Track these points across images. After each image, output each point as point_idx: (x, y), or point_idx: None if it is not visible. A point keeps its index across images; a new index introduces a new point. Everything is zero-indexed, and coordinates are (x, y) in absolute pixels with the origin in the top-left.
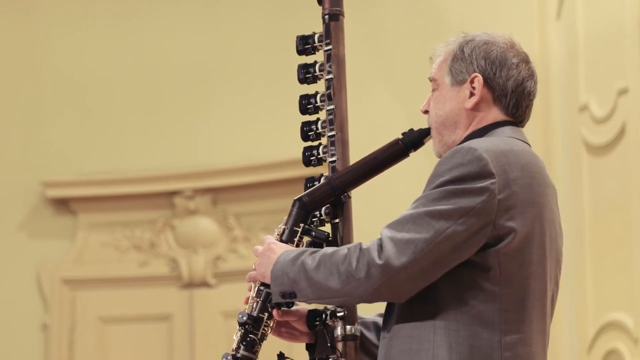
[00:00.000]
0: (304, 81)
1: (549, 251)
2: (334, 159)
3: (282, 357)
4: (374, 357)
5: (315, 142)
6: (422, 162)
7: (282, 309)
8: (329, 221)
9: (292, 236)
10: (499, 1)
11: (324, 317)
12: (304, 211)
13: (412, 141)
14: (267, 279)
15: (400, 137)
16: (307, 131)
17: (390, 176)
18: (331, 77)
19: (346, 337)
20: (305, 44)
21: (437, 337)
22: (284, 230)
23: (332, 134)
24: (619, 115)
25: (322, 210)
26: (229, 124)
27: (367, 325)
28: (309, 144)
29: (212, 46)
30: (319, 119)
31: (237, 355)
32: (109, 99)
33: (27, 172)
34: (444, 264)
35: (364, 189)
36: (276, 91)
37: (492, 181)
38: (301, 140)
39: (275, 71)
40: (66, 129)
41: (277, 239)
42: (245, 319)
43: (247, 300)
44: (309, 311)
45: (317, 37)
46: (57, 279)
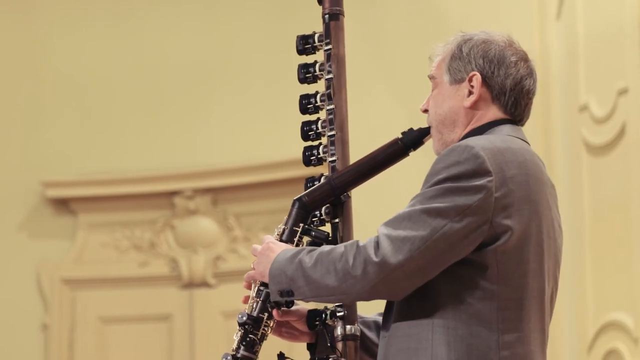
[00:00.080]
0: (304, 81)
1: (547, 249)
2: (334, 159)
3: (282, 357)
4: (375, 356)
5: (315, 142)
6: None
7: (283, 309)
8: (329, 221)
9: (292, 236)
10: (499, 1)
11: (323, 317)
12: (304, 211)
13: (412, 140)
14: (266, 278)
15: (399, 136)
16: (307, 131)
17: (390, 176)
18: (331, 76)
19: (346, 337)
20: (305, 44)
21: (435, 335)
22: (284, 230)
23: (332, 133)
24: (619, 115)
25: (322, 210)
26: (229, 124)
27: (367, 324)
28: (309, 143)
29: (212, 46)
30: (319, 119)
31: (237, 355)
32: (109, 99)
33: (27, 172)
34: (440, 261)
35: (364, 189)
36: (276, 91)
37: (489, 179)
38: (301, 140)
39: (275, 71)
40: (66, 129)
41: (277, 239)
42: (245, 319)
43: (246, 299)
44: (309, 311)
45: (317, 36)
46: (57, 279)
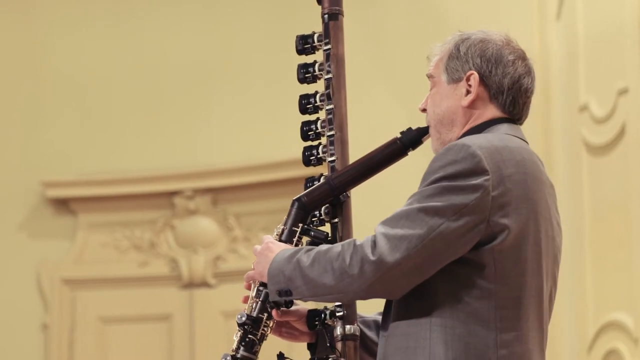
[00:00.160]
0: (304, 81)
1: (545, 248)
2: (333, 159)
3: (282, 357)
4: (375, 356)
5: (314, 142)
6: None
7: (282, 309)
8: (329, 221)
9: (291, 236)
10: (499, 1)
11: (323, 317)
12: (303, 211)
13: (411, 140)
14: (265, 278)
15: (398, 136)
16: (307, 131)
17: (389, 175)
18: (330, 76)
19: (345, 337)
20: (304, 44)
21: (433, 334)
22: (283, 230)
23: (332, 133)
24: (619, 115)
25: (322, 209)
26: (229, 124)
27: (367, 324)
28: (308, 143)
29: (212, 46)
30: (318, 119)
31: (237, 355)
32: (109, 99)
33: (27, 172)
34: (437, 260)
35: (363, 189)
36: (276, 91)
37: (486, 178)
38: (301, 140)
39: (275, 71)
40: (66, 129)
41: (276, 239)
42: (244, 319)
43: (246, 299)
44: (308, 311)
45: (316, 36)
46: (57, 279)
